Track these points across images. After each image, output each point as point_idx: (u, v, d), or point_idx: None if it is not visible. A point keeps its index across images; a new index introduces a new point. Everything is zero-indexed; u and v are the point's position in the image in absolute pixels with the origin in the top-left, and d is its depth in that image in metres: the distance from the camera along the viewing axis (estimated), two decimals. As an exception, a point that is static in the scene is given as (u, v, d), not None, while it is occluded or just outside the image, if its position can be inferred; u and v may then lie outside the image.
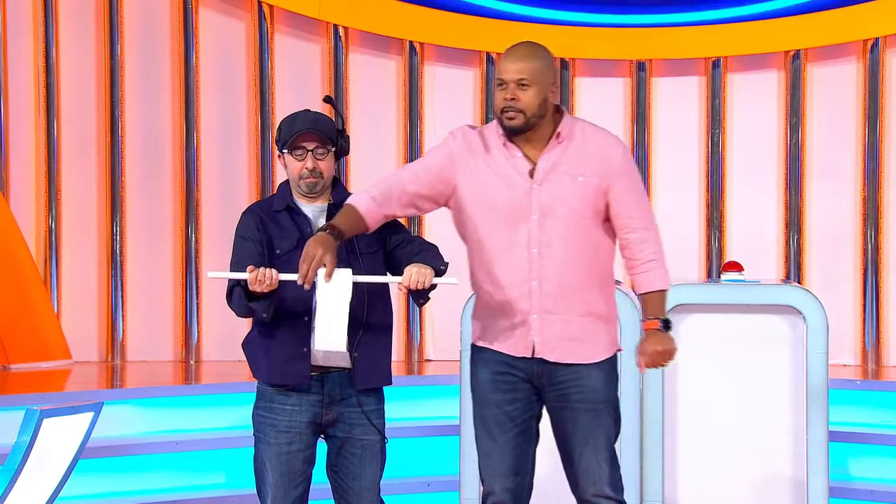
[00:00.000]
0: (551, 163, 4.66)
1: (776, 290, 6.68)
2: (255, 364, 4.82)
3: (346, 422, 4.76)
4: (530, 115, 4.63)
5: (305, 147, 4.78)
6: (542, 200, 4.64)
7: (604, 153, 4.68)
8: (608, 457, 4.71)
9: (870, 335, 9.14)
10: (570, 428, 4.70)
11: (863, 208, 9.18)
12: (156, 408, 7.39)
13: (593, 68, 9.46)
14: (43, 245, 9.21)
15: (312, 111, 4.89)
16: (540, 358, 4.68)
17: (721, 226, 9.32)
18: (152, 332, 9.34)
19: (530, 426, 4.75)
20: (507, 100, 4.63)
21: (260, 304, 4.62)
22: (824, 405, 6.32)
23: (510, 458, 4.73)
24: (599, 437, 4.69)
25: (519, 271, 4.64)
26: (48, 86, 9.20)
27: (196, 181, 9.29)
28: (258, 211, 4.84)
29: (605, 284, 4.74)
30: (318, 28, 9.43)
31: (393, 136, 9.37)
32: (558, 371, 4.69)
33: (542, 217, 4.63)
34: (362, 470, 4.78)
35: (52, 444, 4.62)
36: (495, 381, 4.74)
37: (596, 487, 4.69)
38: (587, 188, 4.65)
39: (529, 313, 4.66)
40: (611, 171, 4.67)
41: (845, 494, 7.08)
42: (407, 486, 7.30)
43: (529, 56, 4.65)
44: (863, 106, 9.20)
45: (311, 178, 4.78)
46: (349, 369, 4.73)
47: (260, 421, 4.78)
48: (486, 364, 4.76)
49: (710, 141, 9.34)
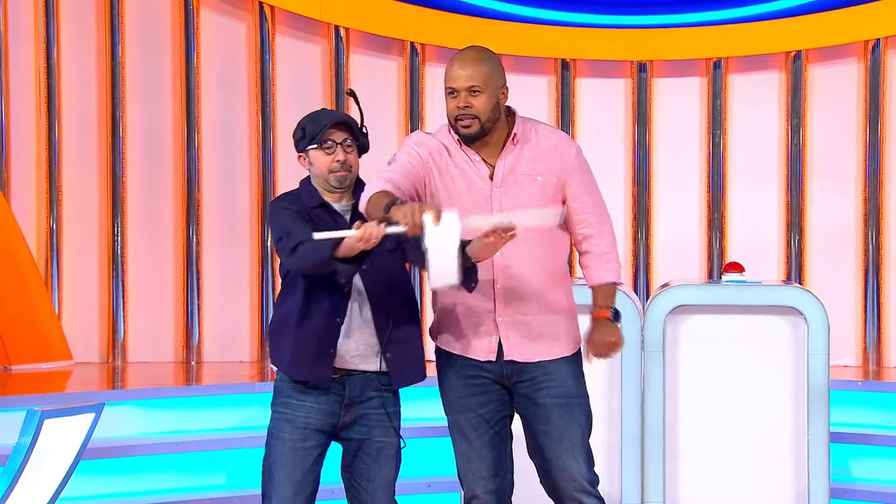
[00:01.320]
0: (509, 165, 4.70)
1: (777, 291, 6.67)
2: (278, 352, 4.76)
3: (364, 423, 4.75)
4: (485, 121, 4.67)
5: (335, 140, 4.73)
6: (503, 203, 4.68)
7: (558, 152, 4.73)
8: (584, 453, 4.73)
9: (871, 336, 9.13)
10: (542, 426, 4.73)
11: (864, 209, 9.17)
12: (157, 409, 7.39)
13: (594, 69, 9.46)
14: (44, 246, 9.21)
15: (332, 110, 4.87)
16: (508, 359, 4.70)
17: (722, 226, 9.32)
18: (153, 332, 9.34)
19: (504, 426, 4.80)
20: (459, 108, 4.66)
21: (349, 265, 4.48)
22: (825, 406, 6.32)
23: (489, 461, 4.77)
24: (574, 433, 4.72)
25: (481, 274, 4.65)
26: (49, 86, 9.20)
27: (197, 182, 9.28)
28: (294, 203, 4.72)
29: (563, 280, 4.80)
30: (319, 29, 9.43)
31: (394, 137, 9.36)
32: (526, 369, 4.73)
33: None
34: (377, 471, 4.79)
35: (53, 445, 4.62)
36: (466, 385, 4.78)
37: (576, 484, 4.71)
38: (546, 187, 4.70)
39: (494, 315, 4.69)
40: (566, 168, 4.72)
41: (846, 495, 7.07)
42: (408, 486, 7.26)
43: (478, 61, 4.69)
44: (864, 107, 9.19)
45: (343, 172, 4.73)
46: (373, 373, 4.72)
47: (277, 417, 4.76)
48: (456, 369, 4.79)
49: (711, 142, 9.33)
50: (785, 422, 6.40)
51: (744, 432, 6.43)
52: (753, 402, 6.43)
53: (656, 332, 6.39)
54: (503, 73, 4.74)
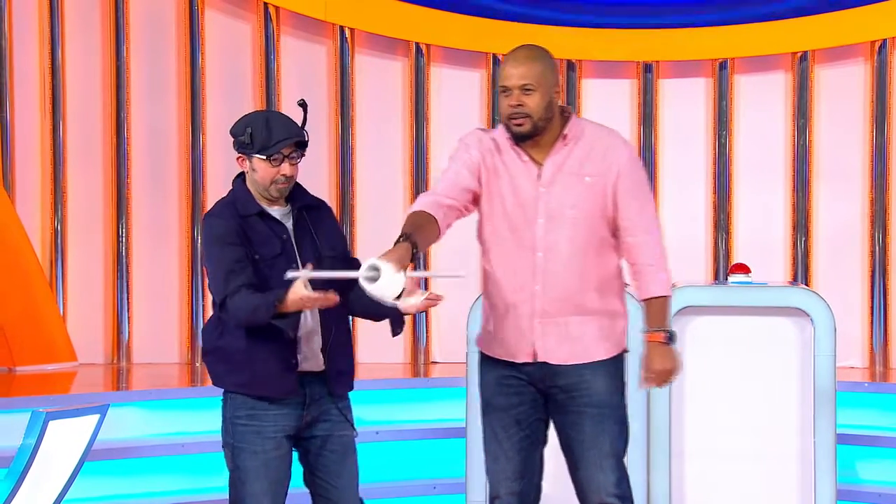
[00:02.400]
0: (557, 164, 4.64)
1: (783, 293, 6.66)
2: (234, 376, 4.68)
3: (325, 419, 4.72)
4: (537, 119, 4.61)
5: (283, 153, 4.69)
6: (549, 203, 4.62)
7: (610, 154, 4.66)
8: (614, 463, 4.65)
9: (877, 337, 9.11)
10: (573, 433, 4.67)
11: (870, 210, 9.16)
12: (161, 410, 7.38)
13: (600, 70, 9.45)
14: (49, 247, 9.21)
15: (277, 112, 4.82)
16: (543, 361, 4.67)
17: (728, 227, 9.30)
18: (158, 334, 9.33)
19: (537, 429, 4.73)
20: (512, 106, 4.61)
21: (287, 321, 4.53)
22: (832, 407, 6.30)
23: (516, 462, 4.71)
24: (604, 443, 4.65)
25: (523, 275, 4.63)
26: (54, 87, 9.20)
27: (202, 183, 9.28)
28: (230, 216, 4.69)
29: (610, 284, 4.70)
30: (324, 29, 9.42)
31: (399, 138, 9.35)
32: (561, 374, 4.67)
33: (547, 220, 4.62)
34: (343, 467, 4.75)
35: (57, 446, 4.61)
36: (500, 384, 4.72)
37: (600, 495, 4.65)
38: (595, 189, 4.63)
39: (532, 318, 4.64)
40: (616, 171, 4.65)
41: (853, 497, 7.06)
42: (413, 488, 7.29)
43: (531, 60, 4.63)
44: (870, 107, 9.17)
45: (285, 185, 4.69)
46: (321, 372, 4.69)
47: (242, 430, 4.68)
48: (492, 368, 4.75)
49: (717, 142, 9.32)
50: (791, 423, 6.39)
51: (750, 434, 6.42)
52: (759, 403, 6.42)
53: (662, 334, 6.37)
54: (557, 72, 4.69)
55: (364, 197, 9.31)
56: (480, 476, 6.29)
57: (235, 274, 4.58)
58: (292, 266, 4.59)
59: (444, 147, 9.35)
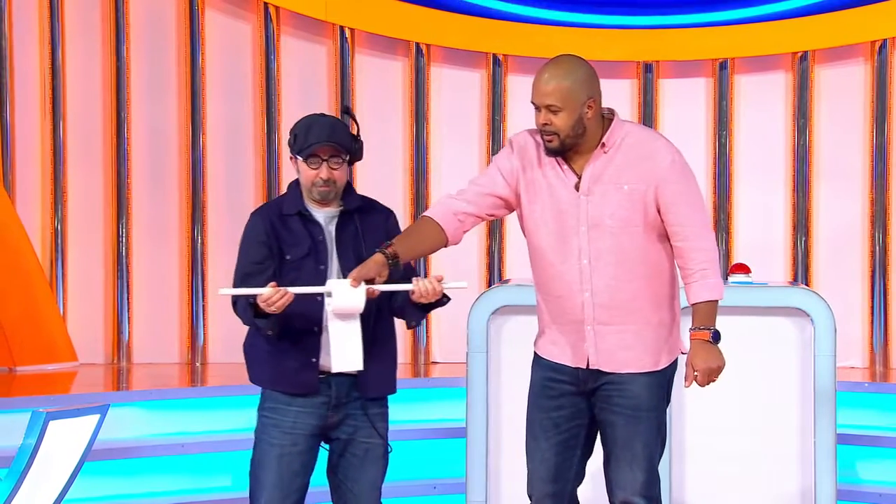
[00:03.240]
0: (596, 174, 4.61)
1: (783, 293, 6.65)
2: (257, 370, 4.80)
3: (350, 423, 4.74)
4: (564, 137, 4.58)
5: (321, 157, 4.72)
6: (589, 212, 4.60)
7: (650, 159, 4.62)
8: (645, 465, 4.66)
9: (878, 337, 9.11)
10: (609, 432, 4.70)
11: (871, 210, 9.16)
12: (162, 410, 7.39)
13: (600, 70, 9.27)
14: (49, 247, 9.21)
15: (329, 117, 4.80)
16: (594, 368, 4.67)
17: (728, 228, 9.30)
18: (158, 334, 9.33)
19: (576, 434, 4.73)
20: (541, 124, 4.60)
21: (266, 321, 4.58)
22: (832, 408, 6.30)
23: (551, 464, 4.72)
24: (636, 445, 4.66)
25: (571, 282, 4.62)
26: (54, 88, 9.20)
27: (202, 183, 9.28)
28: (268, 214, 4.77)
29: (662, 293, 4.68)
30: (325, 29, 9.42)
31: (399, 138, 9.36)
32: (606, 376, 4.68)
33: (590, 228, 4.60)
34: (363, 473, 4.76)
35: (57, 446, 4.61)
36: (545, 385, 4.74)
37: (625, 494, 4.67)
38: (634, 197, 4.59)
39: (584, 324, 4.64)
40: (658, 177, 4.60)
41: (853, 497, 7.07)
42: (413, 488, 7.29)
43: (560, 78, 4.59)
44: (871, 107, 9.17)
45: (325, 188, 4.72)
46: (356, 375, 4.71)
47: (264, 421, 4.77)
48: (541, 369, 4.77)
49: (717, 142, 9.32)
50: (791, 423, 6.39)
51: (750, 434, 6.41)
52: (760, 403, 6.41)
53: (662, 334, 6.37)
54: (591, 84, 4.63)
55: (364, 197, 9.31)
56: (480, 476, 6.31)
57: (250, 275, 4.65)
58: (320, 268, 4.62)
59: (444, 147, 9.36)
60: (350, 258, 4.65)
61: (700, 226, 4.64)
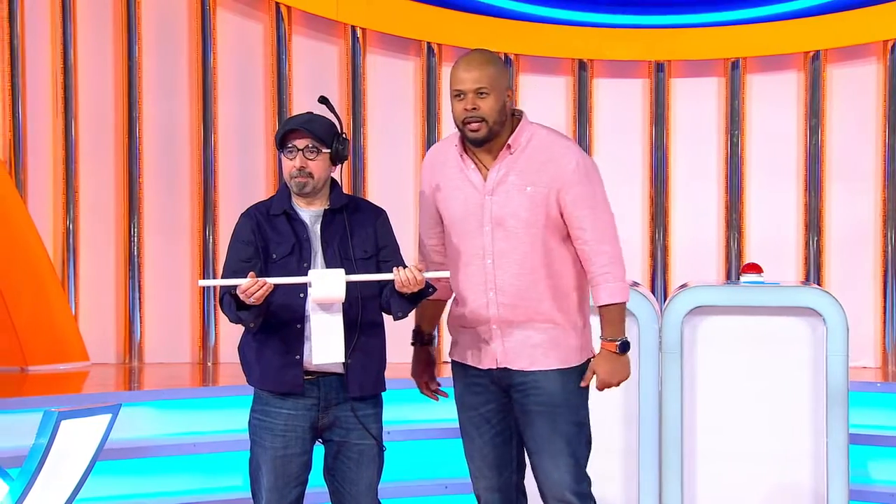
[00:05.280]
0: (501, 173, 4.67)
1: (796, 292, 6.64)
2: (247, 369, 4.80)
3: (342, 426, 4.73)
4: (492, 123, 4.63)
5: (296, 146, 4.70)
6: (493, 211, 4.65)
7: (554, 162, 4.65)
8: (569, 463, 4.68)
9: (890, 337, 9.10)
10: (528, 432, 4.73)
11: (883, 209, 9.14)
12: (173, 410, 7.39)
13: (612, 69, 9.44)
14: (61, 247, 9.22)
15: (311, 112, 4.83)
16: (503, 367, 4.71)
17: (740, 227, 9.29)
18: (170, 333, 9.34)
19: (508, 426, 4.79)
20: (467, 110, 4.62)
21: (248, 313, 4.57)
22: (844, 408, 6.29)
23: (490, 458, 4.79)
24: (556, 443, 4.68)
25: (476, 282, 4.68)
26: (66, 87, 9.21)
27: (213, 182, 9.29)
28: (255, 214, 4.76)
29: (568, 293, 4.71)
30: (336, 29, 9.42)
31: (410, 137, 9.35)
32: (519, 375, 4.71)
33: (494, 227, 4.65)
34: (359, 475, 4.76)
35: (69, 445, 4.62)
36: (468, 385, 4.81)
37: (552, 492, 4.70)
38: (536, 199, 4.63)
39: (490, 323, 4.69)
40: (561, 180, 4.64)
41: (865, 497, 7.05)
42: (424, 488, 7.29)
43: (484, 63, 4.64)
44: (883, 107, 9.16)
45: (301, 178, 4.68)
46: (343, 374, 4.71)
47: (256, 424, 4.77)
48: (460, 374, 4.84)
49: (729, 142, 9.31)
50: (804, 423, 6.38)
51: (762, 434, 6.41)
52: (772, 403, 6.41)
53: (674, 334, 6.37)
54: (508, 75, 4.74)
55: (375, 197, 9.30)
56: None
57: (237, 273, 4.63)
58: (303, 266, 4.61)
59: (456, 146, 9.36)
60: (335, 256, 4.65)
61: (602, 229, 4.66)
